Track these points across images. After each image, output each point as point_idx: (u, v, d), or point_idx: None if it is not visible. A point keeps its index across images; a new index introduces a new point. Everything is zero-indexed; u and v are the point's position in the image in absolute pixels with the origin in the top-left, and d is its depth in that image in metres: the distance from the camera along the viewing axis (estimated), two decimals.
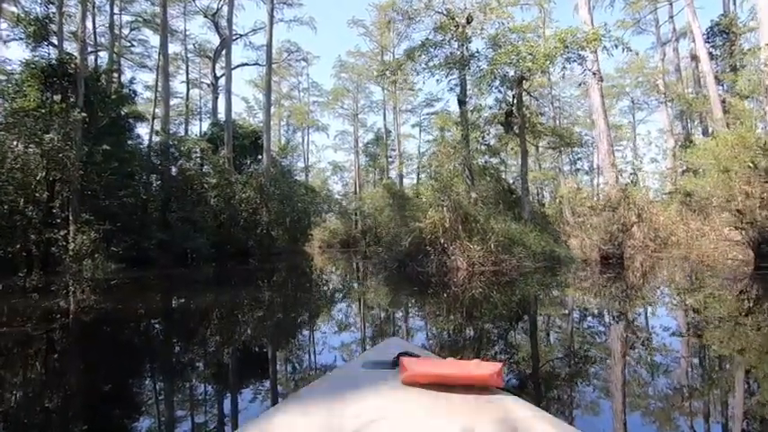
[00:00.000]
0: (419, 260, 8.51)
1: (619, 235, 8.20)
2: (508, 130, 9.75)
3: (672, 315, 4.93)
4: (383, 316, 5.41)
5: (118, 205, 14.13)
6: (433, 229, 8.36)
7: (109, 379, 3.07)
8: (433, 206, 8.63)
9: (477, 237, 8.21)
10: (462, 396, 1.09)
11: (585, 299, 5.99)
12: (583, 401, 2.39)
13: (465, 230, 8.21)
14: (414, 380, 1.15)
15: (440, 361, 1.37)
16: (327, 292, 7.47)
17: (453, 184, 8.41)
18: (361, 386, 1.19)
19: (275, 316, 5.56)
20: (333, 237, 30.35)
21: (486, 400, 1.09)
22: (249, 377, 3.13)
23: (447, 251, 8.33)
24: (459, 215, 8.33)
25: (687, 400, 2.40)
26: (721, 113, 13.49)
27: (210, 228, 16.78)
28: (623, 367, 2.98)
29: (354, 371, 1.34)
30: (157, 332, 5.00)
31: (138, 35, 23.51)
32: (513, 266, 8.12)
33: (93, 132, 14.44)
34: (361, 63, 34.32)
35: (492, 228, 8.28)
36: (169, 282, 10.44)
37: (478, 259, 8.01)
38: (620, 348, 3.51)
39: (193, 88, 30.95)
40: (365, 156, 38.28)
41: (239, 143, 20.63)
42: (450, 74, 10.21)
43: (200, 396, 2.77)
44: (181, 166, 16.99)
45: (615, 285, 7.07)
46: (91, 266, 12.29)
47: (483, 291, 6.35)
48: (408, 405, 1.07)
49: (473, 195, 8.27)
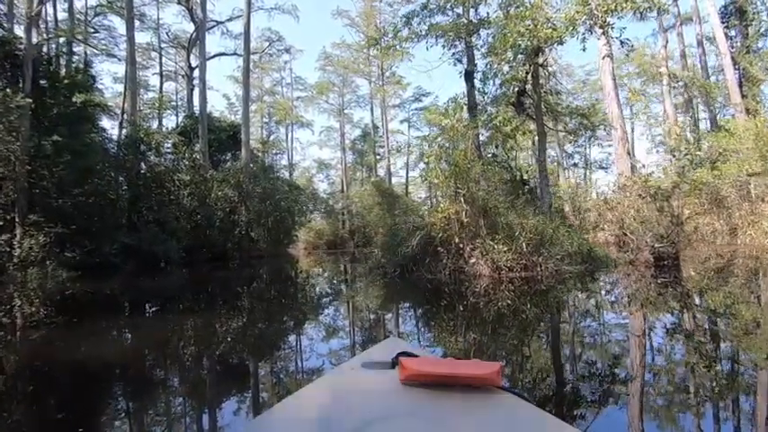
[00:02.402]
0: (427, 264, 6.92)
1: (673, 230, 6.85)
2: (520, 111, 8.47)
3: None
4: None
5: (73, 205, 12.44)
6: (446, 226, 6.78)
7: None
8: (446, 196, 7.17)
9: (503, 235, 6.60)
10: (462, 395, 1.07)
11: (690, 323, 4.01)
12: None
13: (488, 227, 6.62)
14: (413, 379, 1.12)
15: (439, 360, 1.32)
16: (320, 310, 5.80)
17: (470, 169, 6.98)
18: (361, 386, 1.18)
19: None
20: (319, 238, 28.83)
21: (487, 399, 1.08)
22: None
23: (463, 253, 6.76)
24: (479, 208, 6.73)
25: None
26: (740, 97, 12.56)
27: (183, 229, 15.16)
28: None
29: (353, 370, 1.29)
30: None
31: (104, 20, 21.63)
32: (551, 271, 6.54)
33: (46, 123, 12.76)
34: (346, 55, 32.90)
35: (521, 224, 6.63)
36: (124, 295, 8.84)
37: (506, 263, 6.41)
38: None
39: (169, 81, 29.15)
40: (352, 153, 36.86)
41: (216, 137, 19.04)
42: (453, 44, 8.93)
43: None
44: (149, 161, 15.30)
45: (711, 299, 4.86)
46: (37, 275, 10.62)
47: (516, 305, 4.82)
48: (408, 405, 1.05)
49: (482, 184, 6.84)
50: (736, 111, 12.46)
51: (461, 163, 6.99)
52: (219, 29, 25.77)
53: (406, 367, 1.15)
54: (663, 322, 4.10)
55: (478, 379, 1.11)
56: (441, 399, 1.06)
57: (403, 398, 1.08)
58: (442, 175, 7.07)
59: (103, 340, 4.32)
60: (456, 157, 7.03)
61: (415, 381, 1.13)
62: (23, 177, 11.66)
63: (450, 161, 6.98)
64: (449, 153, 7.10)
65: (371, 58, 32.80)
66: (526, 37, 7.02)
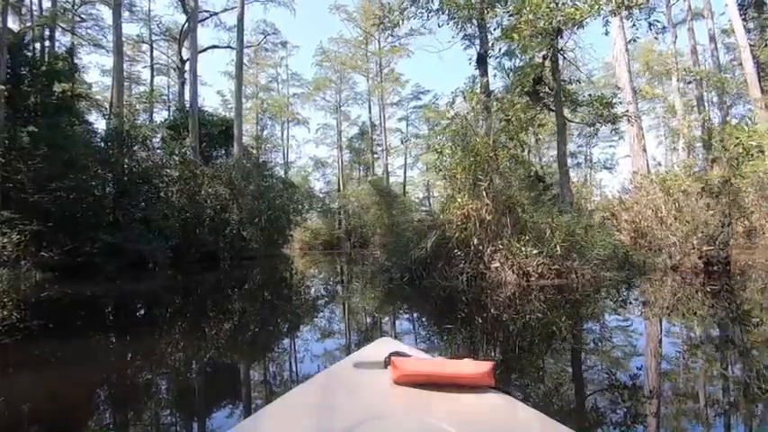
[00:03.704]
0: (439, 269, 5.97)
1: (723, 231, 6.03)
2: (537, 100, 7.73)
3: None
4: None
5: (51, 201, 11.59)
6: (463, 225, 5.81)
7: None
8: (464, 190, 5.97)
9: (531, 236, 5.69)
10: (454, 395, 1.07)
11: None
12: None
13: (513, 227, 5.69)
14: (405, 379, 1.12)
15: (431, 360, 1.31)
16: (319, 321, 4.99)
17: (492, 159, 6.12)
18: (353, 386, 1.17)
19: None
20: (314, 238, 28.00)
21: (479, 398, 1.07)
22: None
23: (483, 256, 5.78)
24: (502, 204, 5.77)
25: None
26: (759, 92, 11.96)
27: (171, 228, 14.32)
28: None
29: (345, 371, 1.28)
30: None
31: (92, 10, 20.73)
32: (588, 279, 5.60)
33: (24, 113, 11.93)
34: (344, 51, 32.10)
35: (552, 223, 5.70)
36: (106, 298, 8.01)
37: (536, 269, 5.50)
38: None
39: (160, 76, 28.23)
40: (349, 151, 36.06)
41: (207, 132, 18.20)
42: (465, 24, 8.15)
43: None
44: (135, 155, 14.44)
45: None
46: (8, 277, 9.77)
47: (548, 318, 4.02)
48: (400, 404, 1.05)
49: (496, 181, 6.00)
50: (756, 106, 11.88)
51: (483, 151, 6.06)
52: (213, 21, 24.94)
53: (398, 367, 1.13)
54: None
55: (471, 378, 1.10)
56: (433, 398, 1.05)
57: (395, 398, 1.07)
58: (460, 165, 6.09)
59: (84, 346, 3.98)
60: (476, 145, 6.10)
61: (407, 381, 1.11)
62: None
63: (467, 150, 6.10)
64: (466, 141, 6.26)
65: (370, 54, 32.09)
66: (545, 18, 6.30)
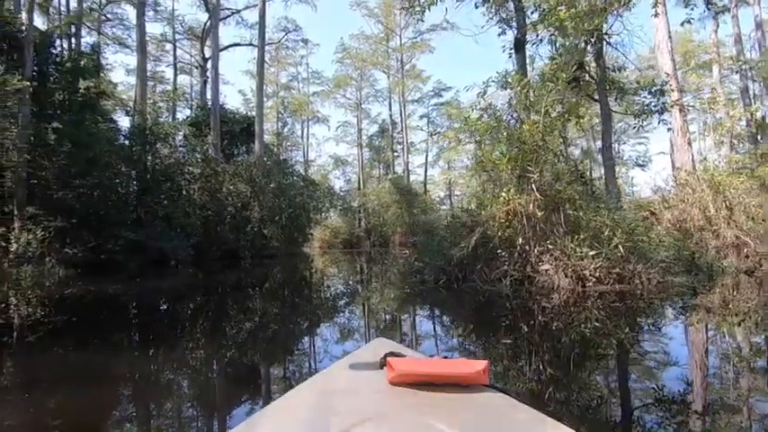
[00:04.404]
0: (478, 271, 5.38)
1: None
2: (578, 89, 7.10)
3: None
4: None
5: (75, 198, 11.59)
6: (506, 223, 5.21)
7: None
8: (509, 184, 5.32)
9: (586, 235, 5.02)
10: (449, 394, 1.07)
11: None
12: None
13: (566, 225, 5.06)
14: (401, 379, 1.12)
15: (426, 360, 1.34)
16: (344, 325, 4.58)
17: (543, 147, 5.41)
18: (348, 387, 1.17)
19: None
20: (334, 236, 27.73)
21: (473, 397, 1.08)
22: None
23: (529, 257, 5.20)
24: (552, 199, 5.14)
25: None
26: None
27: (193, 225, 14.24)
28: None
29: (341, 372, 1.29)
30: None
31: (117, 9, 20.97)
32: (655, 284, 4.89)
33: (49, 110, 11.97)
34: (365, 48, 31.73)
35: (611, 222, 5.05)
36: (129, 295, 7.85)
37: (593, 272, 4.85)
38: None
39: (183, 75, 28.47)
40: (369, 149, 35.69)
41: (229, 129, 18.12)
42: (499, 8, 7.57)
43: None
44: (158, 153, 14.40)
45: None
46: (32, 273, 9.77)
47: (607, 328, 3.54)
48: (395, 405, 1.05)
49: (546, 173, 5.40)
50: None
51: (530, 140, 5.35)
52: (234, 18, 24.97)
53: (393, 367, 1.12)
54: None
55: (465, 377, 1.10)
56: (428, 398, 1.05)
57: (390, 398, 1.07)
58: (505, 156, 5.37)
59: (107, 344, 4.02)
60: (523, 133, 5.41)
61: (402, 381, 1.11)
62: (22, 167, 10.86)
63: (513, 138, 5.52)
64: (510, 129, 5.70)
65: (391, 50, 31.66)
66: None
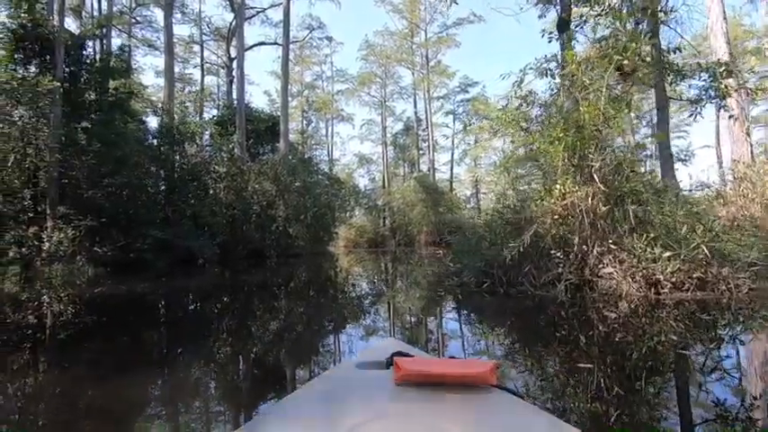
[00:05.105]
0: (525, 273, 4.80)
1: None
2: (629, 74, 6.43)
3: None
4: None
5: (104, 197, 11.68)
6: (560, 220, 4.63)
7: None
8: (567, 175, 4.68)
9: (657, 234, 4.36)
10: (456, 395, 1.06)
11: None
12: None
13: (632, 222, 4.33)
14: (408, 379, 1.11)
15: (434, 360, 1.35)
16: (371, 328, 4.26)
17: (600, 133, 4.76)
18: (355, 387, 1.16)
19: None
20: (359, 235, 27.45)
21: (481, 397, 1.06)
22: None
23: (587, 259, 4.56)
24: (615, 191, 4.51)
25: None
26: None
27: (218, 224, 14.20)
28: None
29: (348, 372, 1.29)
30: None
31: (145, 12, 21.32)
32: (747, 291, 4.18)
33: (81, 111, 12.11)
34: (389, 44, 31.34)
35: (679, 219, 4.43)
36: (157, 294, 7.73)
37: (668, 277, 4.15)
38: None
39: (210, 75, 28.83)
40: (394, 147, 35.29)
41: (254, 128, 18.08)
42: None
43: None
44: (184, 152, 14.44)
45: None
46: (62, 272, 9.84)
47: (687, 342, 3.01)
48: (402, 405, 1.04)
49: (609, 161, 4.73)
50: None
51: (589, 123, 4.69)
52: (260, 18, 25.05)
53: (400, 367, 1.12)
54: None
55: (472, 378, 1.09)
56: (435, 398, 1.04)
57: (397, 398, 1.06)
58: (561, 141, 4.65)
59: (136, 342, 4.03)
60: (581, 115, 4.70)
61: (409, 381, 1.10)
62: (54, 166, 11.01)
63: (569, 121, 4.87)
64: (564, 111, 5.05)
65: (416, 46, 31.15)
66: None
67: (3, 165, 10.48)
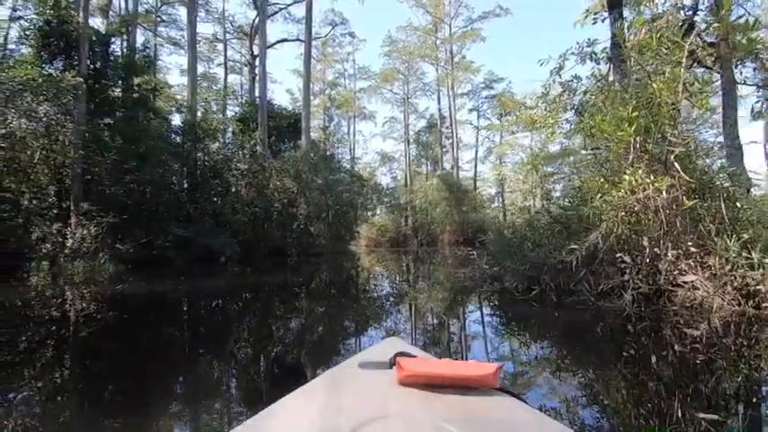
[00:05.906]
0: (580, 279, 4.16)
1: None
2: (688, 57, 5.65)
3: None
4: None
5: (126, 193, 11.62)
6: (628, 217, 3.93)
7: None
8: (639, 162, 3.99)
9: (754, 236, 3.70)
10: (459, 396, 1.04)
11: None
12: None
13: (719, 221, 3.70)
14: (410, 380, 1.09)
15: (437, 361, 1.28)
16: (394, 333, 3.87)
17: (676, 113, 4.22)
18: (357, 386, 1.14)
19: None
20: (381, 234, 27.03)
21: (483, 400, 1.05)
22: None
23: (658, 264, 3.90)
24: (701, 185, 3.85)
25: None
26: None
27: (239, 222, 14.02)
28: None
29: (350, 371, 1.25)
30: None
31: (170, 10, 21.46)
32: None
33: (105, 107, 12.11)
34: (412, 40, 30.78)
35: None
36: (179, 291, 7.53)
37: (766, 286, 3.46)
38: None
39: (234, 74, 28.96)
40: (416, 145, 34.70)
41: (276, 125, 17.89)
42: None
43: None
44: (207, 149, 14.31)
45: None
46: (83, 269, 9.78)
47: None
48: (404, 405, 1.02)
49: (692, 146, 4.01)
50: None
51: (666, 102, 3.90)
52: (282, 14, 24.88)
53: (403, 367, 1.11)
54: None
55: (476, 380, 1.09)
56: (437, 400, 1.03)
57: (399, 398, 1.05)
58: (633, 122, 3.89)
59: (157, 340, 4.12)
60: (655, 91, 3.95)
61: (412, 381, 1.09)
62: (78, 163, 11.00)
63: (641, 99, 4.03)
64: (631, 91, 4.30)
65: (440, 42, 30.48)
66: None
67: (29, 161, 10.53)
